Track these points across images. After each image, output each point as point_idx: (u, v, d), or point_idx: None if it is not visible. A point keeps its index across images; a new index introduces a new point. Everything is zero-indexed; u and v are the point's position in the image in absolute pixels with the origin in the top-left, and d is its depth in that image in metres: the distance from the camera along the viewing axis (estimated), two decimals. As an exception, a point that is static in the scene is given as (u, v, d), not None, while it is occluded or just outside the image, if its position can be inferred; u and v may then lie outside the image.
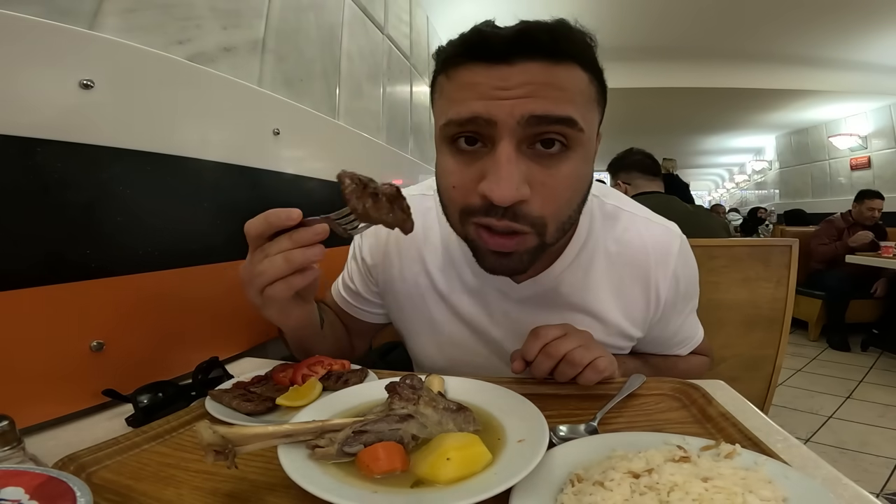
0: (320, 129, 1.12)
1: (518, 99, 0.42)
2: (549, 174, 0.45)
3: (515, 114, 0.42)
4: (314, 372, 0.56)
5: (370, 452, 0.35)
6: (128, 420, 0.51)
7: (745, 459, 0.35)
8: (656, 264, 0.61)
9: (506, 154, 0.43)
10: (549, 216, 0.46)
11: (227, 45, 0.83)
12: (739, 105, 4.85)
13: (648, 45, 3.45)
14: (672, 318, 0.67)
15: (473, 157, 0.46)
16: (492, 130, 0.44)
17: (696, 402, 0.51)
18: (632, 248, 0.61)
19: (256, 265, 0.45)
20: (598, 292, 0.61)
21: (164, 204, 0.66)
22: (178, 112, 0.68)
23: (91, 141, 0.55)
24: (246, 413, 0.48)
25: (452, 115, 0.45)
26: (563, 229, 0.50)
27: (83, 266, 0.54)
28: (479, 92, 0.43)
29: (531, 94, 0.42)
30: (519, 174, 0.43)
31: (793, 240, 1.22)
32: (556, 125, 0.43)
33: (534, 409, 0.42)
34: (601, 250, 0.61)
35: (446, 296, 0.64)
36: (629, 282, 0.62)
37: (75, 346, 0.54)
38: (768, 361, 1.26)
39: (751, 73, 3.91)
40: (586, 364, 0.51)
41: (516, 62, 0.42)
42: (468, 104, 0.44)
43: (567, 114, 0.43)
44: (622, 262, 0.61)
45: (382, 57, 1.61)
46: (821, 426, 1.99)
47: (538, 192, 0.45)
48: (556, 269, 0.60)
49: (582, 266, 0.61)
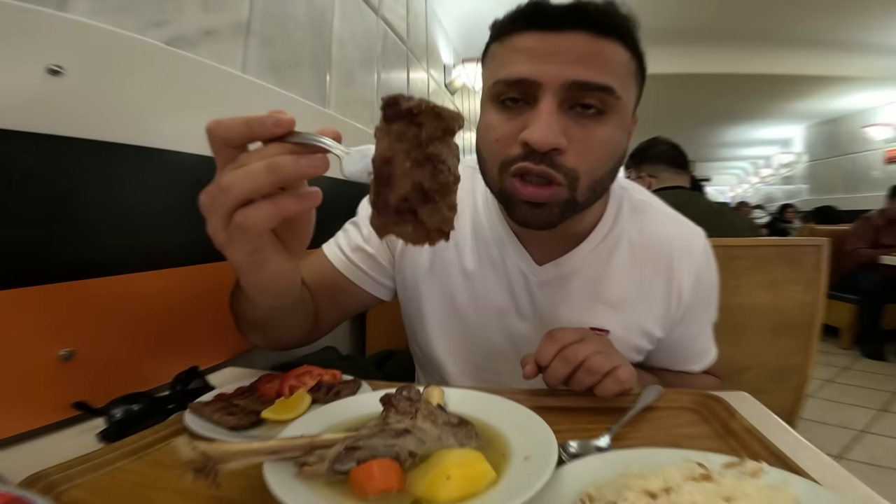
0: (309, 119, 1.12)
1: (564, 64, 0.50)
2: (586, 132, 0.52)
3: (560, 77, 0.50)
4: (303, 383, 0.56)
5: (364, 470, 0.35)
6: (100, 435, 0.51)
7: (771, 478, 0.35)
8: (679, 259, 0.65)
9: (548, 107, 0.50)
10: (583, 171, 0.53)
11: (208, 28, 0.83)
12: (765, 92, 4.86)
13: (666, 28, 3.45)
14: (692, 323, 0.68)
15: (517, 113, 0.53)
16: (536, 91, 0.51)
17: (717, 415, 0.51)
18: (656, 239, 0.65)
19: (224, 177, 0.35)
20: (619, 281, 0.65)
21: (139, 200, 0.66)
22: (154, 101, 0.68)
23: (60, 132, 0.55)
24: (228, 428, 0.48)
25: (502, 75, 0.53)
26: (594, 189, 0.55)
27: (51, 267, 0.54)
28: (529, 55, 0.51)
29: (576, 61, 0.50)
30: (558, 125, 0.50)
31: (823, 239, 1.22)
32: (595, 91, 0.51)
33: (541, 423, 0.42)
34: (625, 239, 0.65)
35: (471, 273, 0.67)
36: (651, 274, 0.65)
37: (43, 355, 0.54)
38: (796, 371, 1.26)
39: (777, 57, 3.91)
40: (605, 372, 0.51)
41: (567, 31, 0.50)
42: (518, 66, 0.52)
43: (607, 82, 0.51)
44: (645, 252, 0.65)
45: (377, 41, 1.61)
46: (853, 441, 1.98)
47: (574, 146, 0.51)
48: (579, 254, 0.64)
49: (605, 253, 0.65)
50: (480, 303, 0.67)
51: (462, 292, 0.68)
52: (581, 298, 0.65)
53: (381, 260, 0.70)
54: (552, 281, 0.65)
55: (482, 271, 0.67)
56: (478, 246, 0.67)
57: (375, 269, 0.70)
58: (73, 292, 0.56)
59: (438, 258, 0.68)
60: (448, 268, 0.68)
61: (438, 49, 2.49)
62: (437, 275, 0.68)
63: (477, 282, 0.67)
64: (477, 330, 0.68)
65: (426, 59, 2.23)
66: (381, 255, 0.70)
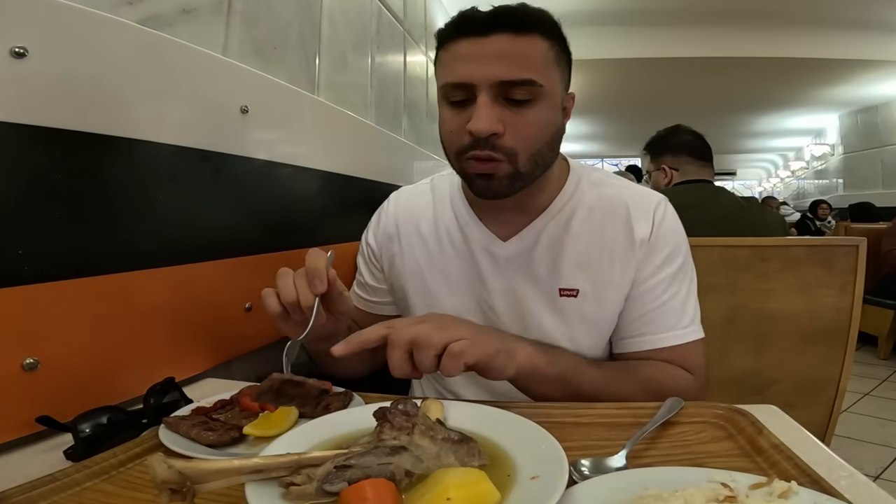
0: (297, 106, 1.12)
1: (491, 65, 0.65)
2: (518, 117, 0.67)
3: (490, 77, 0.65)
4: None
5: (355, 491, 0.34)
6: (66, 453, 0.51)
7: (802, 499, 0.35)
8: (636, 210, 0.77)
9: (483, 101, 0.66)
10: (520, 148, 0.68)
11: (186, 6, 0.83)
12: (796, 78, 4.85)
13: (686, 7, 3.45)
14: (656, 277, 0.75)
15: (462, 108, 0.69)
16: (474, 90, 0.67)
17: (744, 431, 0.51)
18: (613, 199, 0.79)
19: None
20: (581, 242, 0.77)
21: (111, 195, 0.66)
22: (128, 86, 0.68)
23: (23, 120, 0.55)
24: (207, 444, 0.48)
25: (448, 79, 0.70)
26: (534, 161, 0.70)
27: (14, 269, 0.54)
28: (465, 60, 0.67)
29: (500, 59, 0.65)
30: (493, 114, 0.66)
31: (860, 238, 1.22)
32: (520, 85, 0.66)
33: (550, 440, 0.42)
34: (584, 205, 0.79)
35: (439, 263, 0.83)
36: (611, 229, 0.77)
37: (4, 365, 0.54)
38: (830, 383, 1.26)
39: (811, 39, 3.90)
40: (440, 347, 0.55)
41: (491, 35, 0.66)
42: (457, 70, 0.68)
43: (527, 76, 0.66)
44: (603, 212, 0.78)
45: (371, 20, 1.61)
46: (893, 461, 1.98)
47: (510, 129, 0.67)
48: (539, 224, 0.78)
49: (564, 219, 0.78)
50: (454, 287, 0.82)
51: (436, 283, 0.83)
52: (547, 264, 0.77)
53: (375, 283, 0.91)
54: (518, 254, 0.78)
55: (448, 260, 0.82)
56: (443, 234, 0.83)
57: (375, 293, 0.92)
58: (37, 296, 0.56)
59: (412, 258, 0.85)
60: (420, 263, 0.84)
61: (438, 30, 2.49)
62: (414, 275, 0.85)
63: (447, 268, 0.82)
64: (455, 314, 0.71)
65: (425, 41, 2.23)
66: (373, 280, 0.91)
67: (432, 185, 0.90)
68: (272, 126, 1.01)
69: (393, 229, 0.87)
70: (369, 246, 0.90)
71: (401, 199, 0.91)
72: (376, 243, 0.89)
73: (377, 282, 0.91)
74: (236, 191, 0.90)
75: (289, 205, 1.06)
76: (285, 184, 1.04)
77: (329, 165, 1.21)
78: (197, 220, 0.81)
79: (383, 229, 0.89)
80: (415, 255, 0.85)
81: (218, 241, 0.85)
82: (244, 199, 0.92)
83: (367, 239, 0.91)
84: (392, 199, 0.93)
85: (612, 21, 3.59)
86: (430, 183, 0.91)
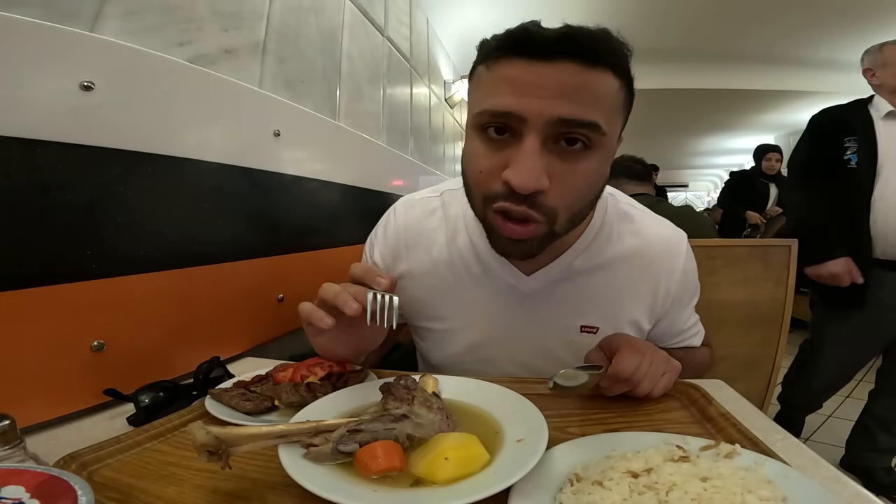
0: (321, 130, 1.12)
1: (550, 99, 0.44)
2: (569, 169, 0.47)
3: (546, 114, 0.44)
4: (313, 373, 0.55)
5: (368, 451, 0.34)
6: (129, 419, 0.51)
7: (744, 459, 0.35)
8: (665, 260, 0.64)
9: (531, 146, 0.45)
10: (563, 208, 0.49)
11: (227, 47, 0.83)
12: (739, 106, 4.85)
13: (647, 47, 3.45)
14: (680, 312, 0.68)
15: (501, 146, 0.48)
16: (521, 125, 0.46)
17: (696, 402, 0.51)
18: (642, 242, 0.63)
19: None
20: (607, 282, 0.62)
21: (164, 205, 0.66)
22: (178, 113, 0.68)
23: (91, 142, 0.55)
24: (245, 412, 0.48)
25: (488, 105, 0.47)
26: (573, 221, 0.52)
27: (84, 267, 0.54)
28: (516, 87, 0.45)
29: (563, 95, 0.44)
30: (541, 165, 0.45)
31: (792, 240, 1.22)
32: (581, 128, 0.46)
33: (533, 408, 0.42)
34: (612, 244, 0.63)
35: (455, 292, 0.65)
36: (638, 274, 0.63)
37: (76, 346, 0.54)
38: (768, 361, 1.26)
39: (751, 73, 3.90)
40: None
41: (555, 61, 0.44)
42: (504, 98, 0.46)
43: (593, 119, 0.45)
44: (632, 254, 0.63)
45: (383, 59, 1.61)
46: (821, 425, 1.98)
47: (556, 184, 0.47)
48: (567, 259, 0.62)
49: (592, 257, 0.62)
50: (470, 319, 0.65)
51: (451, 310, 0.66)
52: (572, 301, 0.62)
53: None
54: (542, 288, 0.62)
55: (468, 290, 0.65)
56: (459, 263, 0.65)
57: None
58: (104, 289, 0.56)
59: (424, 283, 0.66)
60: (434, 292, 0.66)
61: (439, 66, 2.49)
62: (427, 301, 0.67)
63: (464, 299, 0.65)
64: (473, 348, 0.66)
65: (428, 76, 2.23)
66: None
67: (442, 201, 0.68)
68: (300, 147, 1.01)
69: (402, 251, 0.67)
70: (375, 264, 0.69)
71: (409, 216, 0.68)
72: (383, 263, 0.68)
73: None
74: (270, 201, 0.90)
75: (314, 212, 1.06)
76: (311, 195, 1.04)
77: (348, 179, 1.21)
78: (236, 226, 0.81)
79: (392, 249, 0.68)
80: (428, 284, 0.66)
81: (254, 242, 0.85)
82: (276, 208, 0.92)
83: (373, 256, 0.69)
84: (399, 212, 0.69)
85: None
86: (441, 198, 0.68)
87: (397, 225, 0.68)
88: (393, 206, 0.72)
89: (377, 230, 0.71)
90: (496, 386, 0.48)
